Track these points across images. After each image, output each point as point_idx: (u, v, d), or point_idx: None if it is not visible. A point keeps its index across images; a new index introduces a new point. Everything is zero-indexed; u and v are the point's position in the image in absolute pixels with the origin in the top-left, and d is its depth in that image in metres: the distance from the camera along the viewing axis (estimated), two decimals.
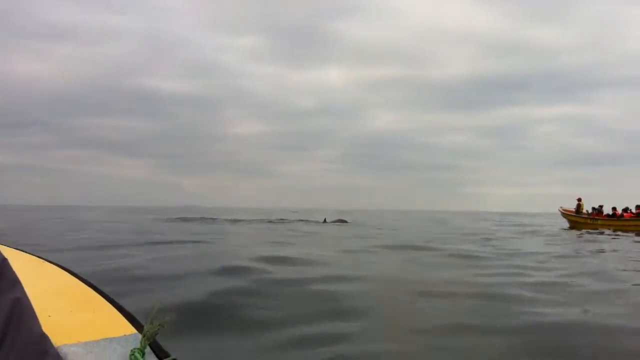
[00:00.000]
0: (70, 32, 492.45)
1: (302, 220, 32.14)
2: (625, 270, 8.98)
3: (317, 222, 30.08)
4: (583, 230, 24.07)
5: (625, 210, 25.69)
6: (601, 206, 26.91)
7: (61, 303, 1.64)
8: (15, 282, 0.92)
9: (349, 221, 31.17)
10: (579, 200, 27.33)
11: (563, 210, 28.30)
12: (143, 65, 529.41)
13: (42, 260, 2.19)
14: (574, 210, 27.41)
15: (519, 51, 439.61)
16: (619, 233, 21.58)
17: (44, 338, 0.98)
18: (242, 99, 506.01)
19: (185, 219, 32.02)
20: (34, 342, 0.95)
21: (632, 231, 22.34)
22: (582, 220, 26.59)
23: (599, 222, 25.66)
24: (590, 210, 27.01)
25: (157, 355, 1.33)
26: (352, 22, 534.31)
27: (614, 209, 26.18)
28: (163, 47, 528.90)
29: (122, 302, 1.64)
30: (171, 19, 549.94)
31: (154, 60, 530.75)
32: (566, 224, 27.97)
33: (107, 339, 1.39)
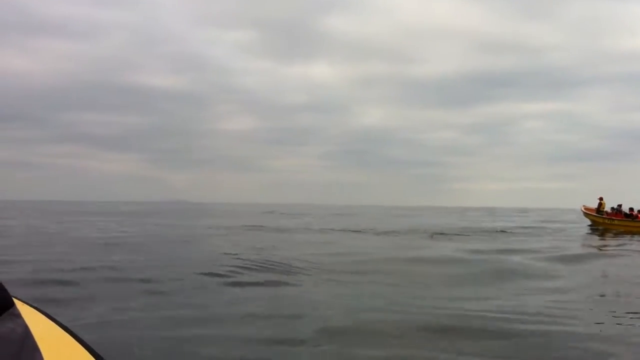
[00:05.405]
0: (58, 27, 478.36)
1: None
2: None
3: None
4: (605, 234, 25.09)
5: None
6: (620, 205, 27.92)
7: None
8: (35, 350, 0.95)
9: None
10: (601, 199, 28.34)
11: (585, 209, 29.31)
12: (132, 59, 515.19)
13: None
14: (594, 209, 28.38)
15: (506, 48, 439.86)
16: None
17: None
18: (231, 93, 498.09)
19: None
20: None
21: None
22: (600, 220, 27.90)
23: (616, 222, 26.91)
24: (609, 209, 28.04)
25: None
26: (342, 18, 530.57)
27: (631, 209, 27.22)
28: (152, 42, 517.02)
29: None
30: (160, 13, 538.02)
31: (143, 54, 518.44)
32: (587, 222, 29.09)
33: None
